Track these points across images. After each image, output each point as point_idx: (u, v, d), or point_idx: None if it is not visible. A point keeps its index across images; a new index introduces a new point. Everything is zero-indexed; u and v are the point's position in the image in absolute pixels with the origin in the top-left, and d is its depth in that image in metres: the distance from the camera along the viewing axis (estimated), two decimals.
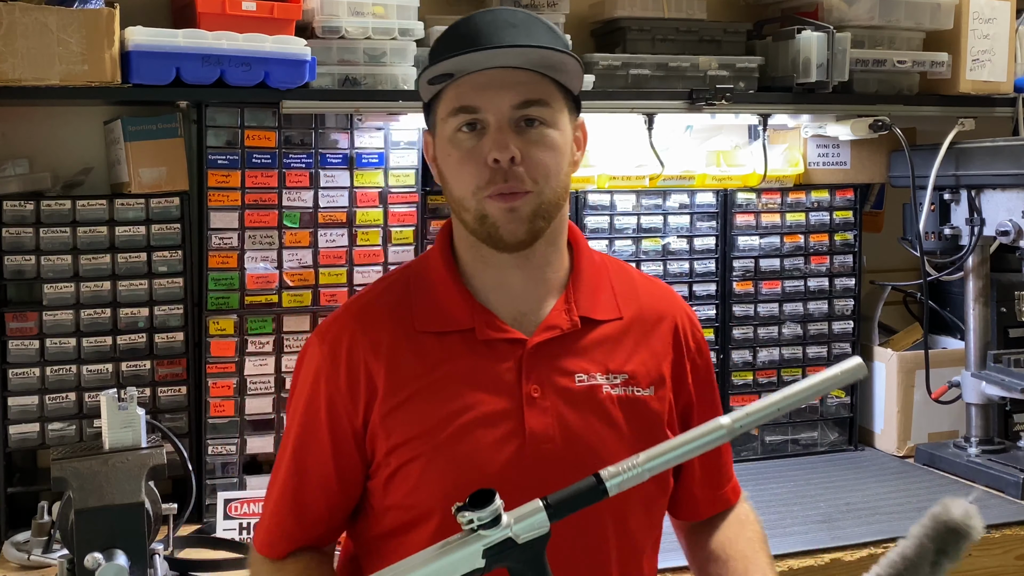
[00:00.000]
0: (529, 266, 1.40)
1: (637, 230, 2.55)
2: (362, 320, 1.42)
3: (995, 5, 2.62)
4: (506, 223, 1.34)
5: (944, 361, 2.67)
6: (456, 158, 1.36)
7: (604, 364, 1.40)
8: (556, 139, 1.37)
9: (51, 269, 2.12)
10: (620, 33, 2.50)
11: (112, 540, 1.70)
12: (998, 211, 2.44)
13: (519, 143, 1.33)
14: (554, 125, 1.37)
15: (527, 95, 1.35)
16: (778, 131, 2.73)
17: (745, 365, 2.65)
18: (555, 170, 1.36)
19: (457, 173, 1.36)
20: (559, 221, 1.41)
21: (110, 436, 1.81)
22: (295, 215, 2.25)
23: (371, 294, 1.48)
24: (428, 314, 1.41)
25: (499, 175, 1.33)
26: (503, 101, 1.34)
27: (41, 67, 1.95)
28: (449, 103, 1.36)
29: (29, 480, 2.18)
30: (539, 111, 1.35)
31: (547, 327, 1.40)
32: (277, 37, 2.08)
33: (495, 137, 1.33)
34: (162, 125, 2.19)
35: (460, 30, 1.40)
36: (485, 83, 1.34)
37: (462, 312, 1.40)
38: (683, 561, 1.98)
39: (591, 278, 1.46)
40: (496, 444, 1.33)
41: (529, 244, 1.36)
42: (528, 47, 1.33)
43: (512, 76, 1.34)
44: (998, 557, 2.16)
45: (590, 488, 1.10)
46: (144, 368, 2.19)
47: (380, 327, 1.40)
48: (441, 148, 1.39)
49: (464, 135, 1.35)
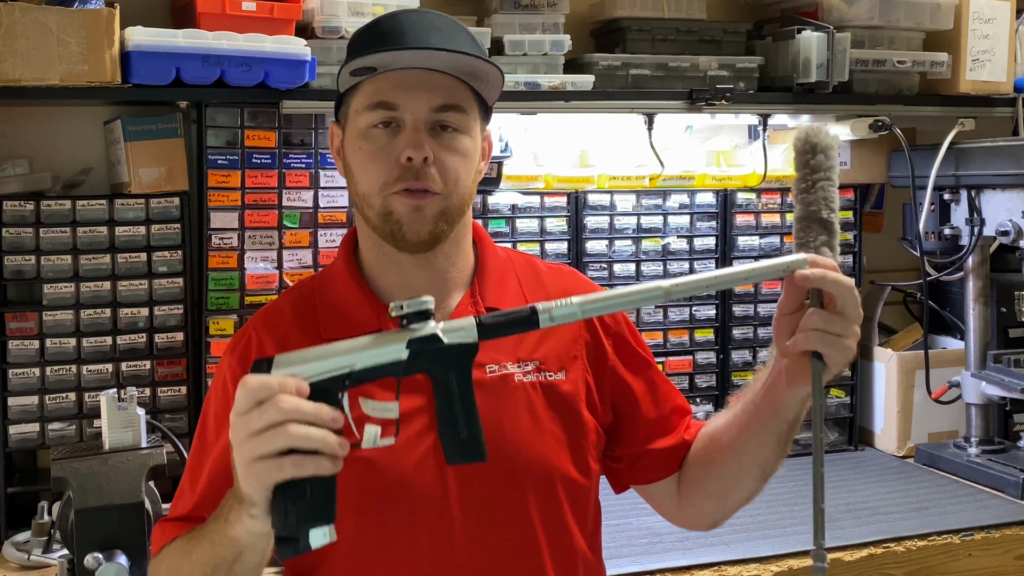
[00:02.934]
0: (432, 267, 1.41)
1: (637, 230, 2.55)
2: (269, 328, 1.43)
3: (995, 5, 2.62)
4: (411, 222, 1.35)
5: (944, 361, 2.67)
6: (367, 152, 1.37)
7: (514, 353, 1.40)
8: (468, 146, 1.39)
9: (51, 269, 2.12)
10: (620, 33, 2.50)
11: (112, 540, 1.70)
12: (998, 211, 2.44)
13: (432, 145, 1.35)
14: (467, 132, 1.39)
15: (446, 99, 1.36)
16: (778, 131, 2.73)
17: (745, 365, 2.65)
18: (464, 176, 1.38)
19: (365, 168, 1.37)
20: (462, 225, 1.43)
21: (110, 436, 1.81)
22: (295, 215, 2.25)
23: (276, 304, 1.49)
24: (334, 319, 1.41)
25: (410, 173, 1.34)
26: (422, 102, 1.35)
27: (41, 67, 1.95)
28: (367, 97, 1.37)
29: (29, 480, 2.18)
30: (455, 117, 1.37)
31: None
32: (277, 37, 2.08)
33: (411, 136, 1.34)
34: (162, 125, 2.19)
35: (384, 26, 1.40)
36: (407, 82, 1.35)
37: (367, 314, 1.40)
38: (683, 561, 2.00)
39: (496, 272, 1.47)
40: (410, 441, 1.33)
41: (431, 247, 1.38)
42: (457, 52, 1.34)
43: (434, 79, 1.35)
44: (998, 557, 2.16)
45: (523, 315, 1.15)
46: (144, 368, 2.19)
47: (286, 334, 1.41)
48: (351, 141, 1.40)
49: (378, 131, 1.36)
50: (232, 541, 1.19)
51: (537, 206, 2.47)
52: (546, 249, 2.48)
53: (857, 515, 2.23)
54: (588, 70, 2.40)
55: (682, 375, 2.59)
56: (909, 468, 2.59)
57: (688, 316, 2.59)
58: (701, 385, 2.62)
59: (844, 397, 2.74)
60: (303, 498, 1.08)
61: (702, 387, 2.62)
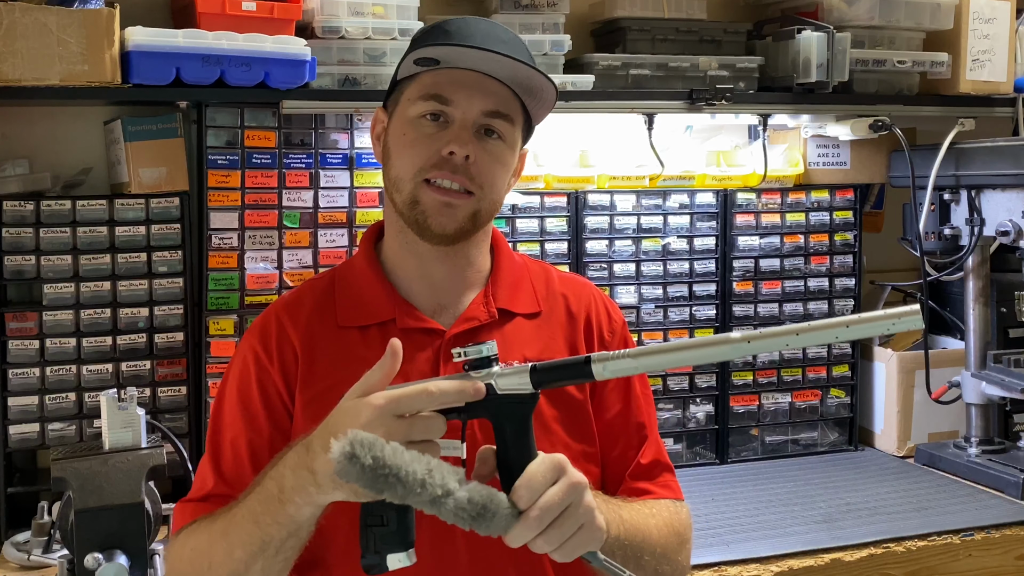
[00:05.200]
0: (452, 262, 1.44)
1: (637, 230, 2.55)
2: (288, 313, 1.46)
3: (995, 5, 2.62)
4: (436, 215, 1.37)
5: (944, 361, 2.67)
6: (410, 139, 1.39)
7: (521, 353, 1.42)
8: (507, 156, 1.42)
9: (51, 269, 2.12)
10: (620, 33, 2.50)
11: (112, 540, 1.70)
12: (998, 211, 2.44)
13: (475, 147, 1.37)
14: (509, 143, 1.42)
15: (498, 106, 1.39)
16: (778, 131, 2.73)
17: (745, 365, 2.65)
18: (499, 184, 1.41)
19: (404, 152, 1.39)
20: (485, 230, 1.46)
21: (110, 436, 1.81)
22: (295, 215, 2.25)
23: (297, 292, 1.52)
24: (349, 309, 1.44)
25: (447, 166, 1.36)
26: (476, 103, 1.37)
27: (41, 67, 1.95)
28: (423, 88, 1.39)
29: (29, 480, 2.18)
30: (502, 125, 1.40)
31: (466, 318, 1.43)
32: (277, 37, 2.08)
33: (458, 133, 1.37)
34: (162, 125, 2.19)
35: (454, 26, 1.44)
36: (464, 81, 1.37)
37: (382, 304, 1.43)
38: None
39: (511, 276, 1.50)
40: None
41: (453, 241, 1.40)
42: (519, 61, 1.36)
43: (490, 84, 1.38)
44: (998, 557, 2.16)
45: (576, 364, 1.16)
46: (144, 368, 2.19)
47: (304, 321, 1.43)
48: (397, 126, 1.42)
49: (426, 122, 1.39)
50: (290, 519, 1.20)
51: (537, 206, 2.47)
52: (546, 249, 2.48)
53: (857, 515, 2.23)
54: (588, 70, 2.40)
55: (682, 375, 2.59)
56: (909, 468, 2.59)
57: (688, 316, 2.59)
58: (701, 385, 2.62)
59: (844, 397, 2.74)
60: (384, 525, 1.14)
61: (702, 387, 2.62)
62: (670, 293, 2.58)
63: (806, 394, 2.70)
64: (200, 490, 1.44)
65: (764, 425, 2.67)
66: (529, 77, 1.38)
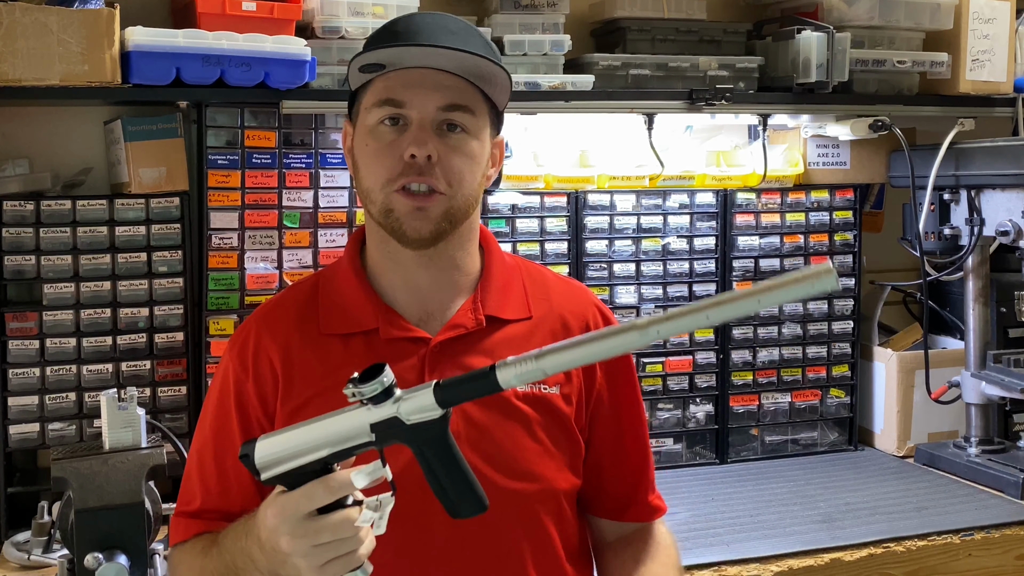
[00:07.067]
0: (435, 266, 1.42)
1: (637, 230, 2.55)
2: (268, 323, 1.44)
3: (995, 5, 2.62)
4: (411, 220, 1.35)
5: (944, 361, 2.67)
6: (373, 149, 1.38)
7: None
8: (474, 148, 1.39)
9: (51, 269, 2.12)
10: (620, 33, 2.50)
11: (112, 540, 1.70)
12: (998, 211, 2.44)
13: (438, 145, 1.35)
14: (474, 134, 1.39)
15: (453, 99, 1.37)
16: (778, 131, 2.73)
17: (745, 365, 2.65)
18: (468, 178, 1.38)
19: (370, 164, 1.38)
20: (468, 227, 1.43)
21: (110, 436, 1.81)
22: (295, 215, 2.25)
23: (279, 298, 1.50)
24: (332, 317, 1.42)
25: (413, 170, 1.34)
26: (429, 101, 1.36)
27: (41, 67, 1.95)
28: (376, 94, 1.38)
29: (29, 480, 2.18)
30: (462, 117, 1.38)
31: (452, 326, 1.41)
32: (277, 37, 2.08)
33: (416, 134, 1.35)
34: (162, 125, 2.19)
35: (399, 26, 1.41)
36: (415, 80, 1.35)
37: (367, 312, 1.41)
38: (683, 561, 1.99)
39: (501, 279, 1.47)
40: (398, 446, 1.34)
41: (432, 244, 1.38)
42: (463, 52, 1.34)
43: (442, 79, 1.36)
44: (998, 557, 2.16)
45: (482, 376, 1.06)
46: (144, 368, 2.19)
47: (285, 330, 1.42)
48: (360, 138, 1.41)
49: (385, 128, 1.37)
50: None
51: (537, 206, 2.47)
52: (546, 249, 2.48)
53: (857, 515, 2.23)
54: (588, 70, 2.40)
55: (682, 375, 2.59)
56: (909, 468, 2.59)
57: None
58: (701, 385, 2.62)
59: (844, 397, 2.74)
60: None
61: (702, 387, 2.62)
62: (670, 293, 2.58)
63: (806, 394, 2.70)
64: (190, 504, 1.46)
65: (764, 425, 2.67)
66: (478, 65, 1.36)
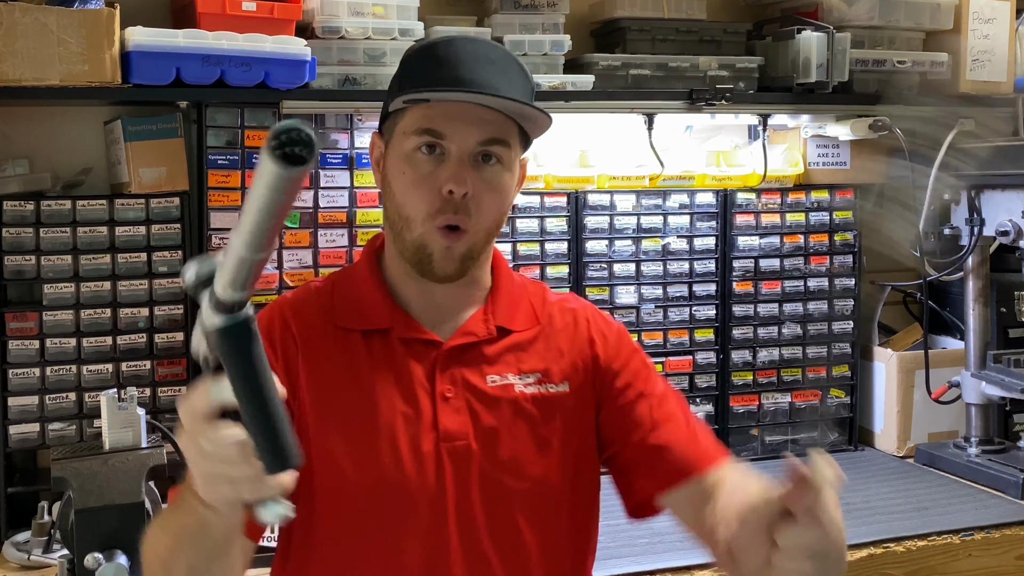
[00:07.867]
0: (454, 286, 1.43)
1: (637, 230, 2.55)
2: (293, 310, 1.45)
3: (995, 5, 2.62)
4: (440, 259, 1.37)
5: (944, 361, 2.67)
6: (410, 178, 1.37)
7: (516, 366, 1.42)
8: (506, 181, 1.40)
9: (51, 269, 2.12)
10: (620, 33, 2.50)
11: (112, 540, 1.70)
12: (998, 211, 2.44)
13: (473, 178, 1.35)
14: (508, 166, 1.40)
15: (493, 134, 1.37)
16: (778, 131, 2.73)
17: (745, 365, 2.65)
18: (496, 213, 1.40)
19: (409, 193, 1.37)
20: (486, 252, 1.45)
21: (110, 436, 1.81)
22: (295, 215, 2.25)
23: (302, 291, 1.51)
24: (349, 311, 1.43)
25: (449, 206, 1.35)
26: (470, 136, 1.35)
27: (41, 67, 1.95)
28: (415, 122, 1.37)
29: (29, 480, 2.18)
30: (499, 150, 1.38)
31: (464, 333, 1.42)
32: (277, 37, 2.09)
33: (455, 170, 1.35)
34: (162, 125, 2.19)
35: (439, 52, 1.40)
36: (456, 113, 1.35)
37: (382, 312, 1.42)
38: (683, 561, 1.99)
39: (510, 294, 1.49)
40: (410, 442, 1.34)
41: (456, 279, 1.40)
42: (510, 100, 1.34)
43: (483, 113, 1.36)
44: (998, 557, 2.16)
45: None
46: (144, 368, 2.19)
47: (307, 320, 1.43)
48: (395, 162, 1.40)
49: (423, 157, 1.36)
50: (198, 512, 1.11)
51: (537, 206, 2.47)
52: (546, 249, 2.48)
53: (857, 515, 2.23)
54: (588, 70, 2.40)
55: (682, 375, 2.59)
56: (909, 468, 2.59)
57: (688, 316, 2.59)
58: (701, 385, 2.62)
59: (844, 397, 2.74)
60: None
61: (702, 387, 2.62)
62: (670, 293, 2.58)
63: (806, 394, 2.70)
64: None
65: (764, 425, 2.67)
66: (521, 108, 1.36)
